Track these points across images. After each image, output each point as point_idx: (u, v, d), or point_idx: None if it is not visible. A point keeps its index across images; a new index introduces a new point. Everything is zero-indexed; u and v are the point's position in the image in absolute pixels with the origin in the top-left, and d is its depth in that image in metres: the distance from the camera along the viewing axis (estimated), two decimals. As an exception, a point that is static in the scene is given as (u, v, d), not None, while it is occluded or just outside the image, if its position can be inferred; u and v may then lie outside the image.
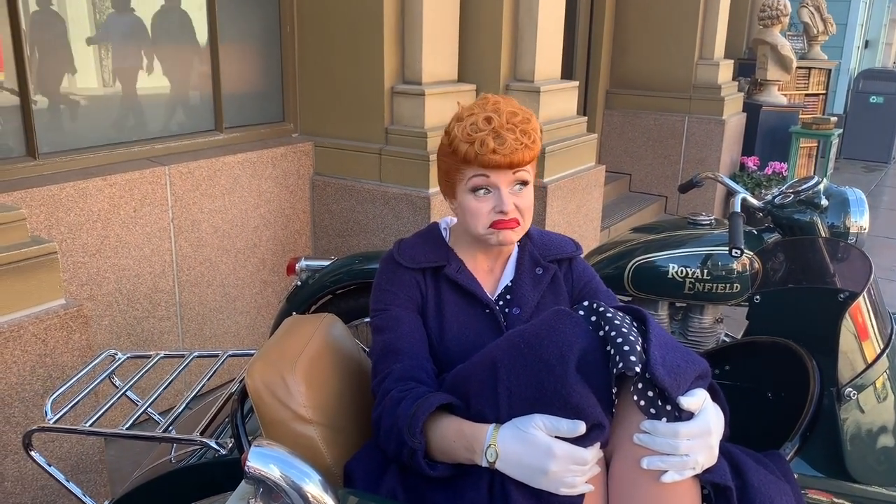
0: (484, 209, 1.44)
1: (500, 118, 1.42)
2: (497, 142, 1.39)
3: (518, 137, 1.40)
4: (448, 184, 1.51)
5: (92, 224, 2.83)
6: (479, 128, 1.42)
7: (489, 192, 1.44)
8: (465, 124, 1.43)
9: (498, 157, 1.40)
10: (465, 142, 1.42)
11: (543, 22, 3.84)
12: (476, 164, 1.42)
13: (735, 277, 2.47)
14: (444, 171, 1.51)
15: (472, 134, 1.42)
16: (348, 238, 3.67)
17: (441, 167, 1.52)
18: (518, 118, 1.43)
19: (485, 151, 1.40)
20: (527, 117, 1.44)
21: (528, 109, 1.49)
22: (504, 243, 1.48)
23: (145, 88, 3.24)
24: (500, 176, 1.43)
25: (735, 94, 6.46)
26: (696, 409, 1.19)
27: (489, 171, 1.42)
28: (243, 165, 3.39)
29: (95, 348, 2.84)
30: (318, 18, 3.62)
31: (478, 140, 1.41)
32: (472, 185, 1.44)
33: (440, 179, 1.54)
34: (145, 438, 1.59)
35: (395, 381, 1.41)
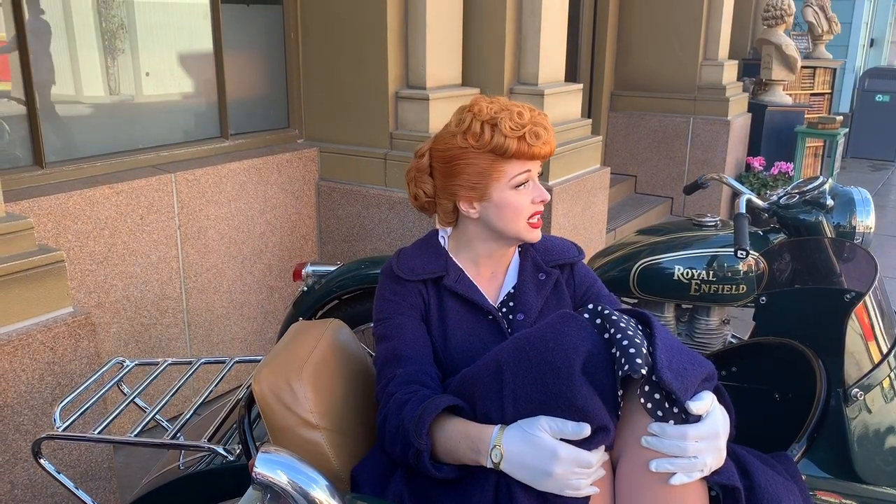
0: (525, 202, 1.49)
1: (529, 113, 1.47)
2: (532, 135, 1.44)
3: (545, 130, 1.46)
4: (478, 188, 1.49)
5: (99, 232, 2.84)
6: (523, 122, 1.45)
7: (526, 186, 1.50)
8: (505, 121, 1.44)
9: (535, 149, 1.45)
10: (514, 137, 1.44)
11: (547, 25, 3.85)
12: (524, 157, 1.46)
13: (741, 278, 2.46)
14: (474, 176, 1.48)
15: (517, 129, 1.44)
16: (354, 243, 3.68)
17: (469, 172, 1.48)
18: (534, 113, 1.48)
19: (536, 143, 1.44)
20: (538, 112, 1.50)
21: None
22: (534, 239, 1.54)
23: (150, 96, 3.26)
24: (535, 169, 1.50)
25: (740, 94, 6.44)
26: (704, 412, 1.19)
27: (529, 164, 1.48)
28: (249, 172, 3.40)
29: (104, 356, 2.86)
30: (322, 24, 3.63)
31: (527, 133, 1.44)
32: (518, 180, 1.48)
33: (460, 189, 1.50)
34: (153, 445, 1.60)
35: (399, 384, 1.42)
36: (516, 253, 1.62)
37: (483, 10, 3.78)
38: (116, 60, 3.11)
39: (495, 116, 1.45)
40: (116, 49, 3.11)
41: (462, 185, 1.49)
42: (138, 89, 3.21)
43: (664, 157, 6.33)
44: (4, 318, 2.00)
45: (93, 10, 3.00)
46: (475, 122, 1.46)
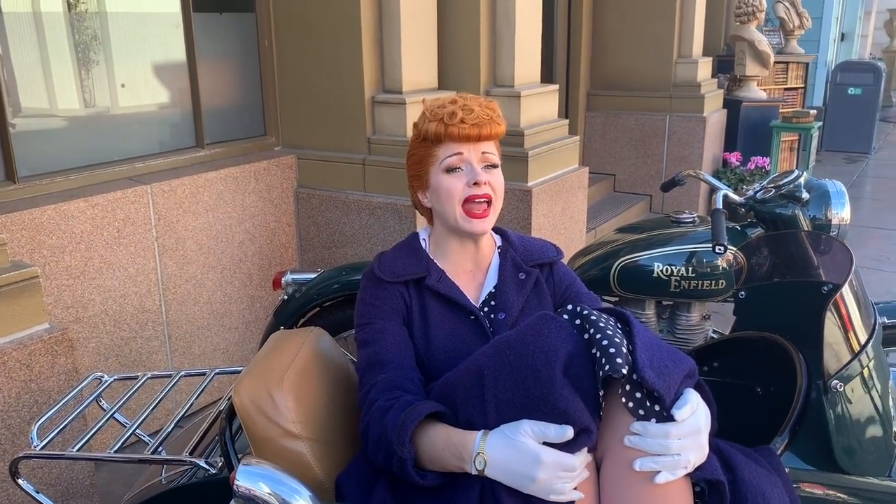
0: (458, 185, 1.48)
1: (464, 98, 1.49)
2: (465, 112, 1.45)
3: (484, 109, 1.47)
4: (420, 176, 1.54)
5: (75, 246, 2.81)
6: (444, 105, 1.48)
7: (460, 171, 1.49)
8: (431, 107, 1.50)
9: (467, 128, 1.45)
10: (434, 120, 1.48)
11: (521, 26, 3.86)
12: (447, 138, 1.47)
13: (720, 274, 2.48)
14: (415, 164, 1.55)
15: (439, 110, 1.48)
16: (335, 249, 3.67)
17: (412, 162, 1.56)
18: (480, 99, 1.50)
19: (454, 121, 1.45)
20: (487, 101, 1.51)
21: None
22: (476, 232, 1.50)
23: (124, 107, 3.23)
24: (471, 152, 1.48)
25: (715, 91, 6.50)
26: (690, 414, 1.19)
27: (461, 147, 1.48)
28: (226, 181, 3.37)
29: (82, 372, 2.82)
30: (297, 31, 3.62)
31: (446, 114, 1.46)
32: (446, 164, 1.49)
33: (411, 179, 1.58)
34: (134, 461, 1.58)
35: (381, 391, 1.41)
36: (496, 253, 1.63)
37: (457, 13, 3.78)
38: (90, 72, 3.08)
39: (432, 105, 1.51)
40: (90, 61, 3.08)
41: (412, 176, 1.57)
42: (112, 101, 3.18)
43: (642, 156, 6.37)
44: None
45: (65, 23, 2.97)
46: (420, 116, 1.54)
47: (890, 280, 4.97)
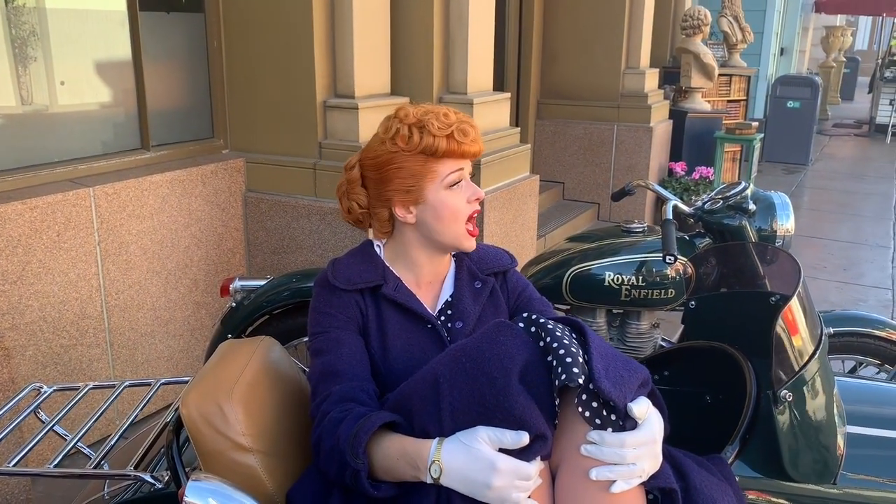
0: (461, 201, 1.49)
1: (454, 114, 1.48)
2: (460, 133, 1.45)
3: (474, 127, 1.48)
4: (413, 191, 1.47)
5: (12, 250, 2.70)
6: (449, 122, 1.45)
7: (460, 185, 1.49)
8: (432, 122, 1.45)
9: (465, 146, 1.46)
10: (442, 136, 1.44)
11: (474, 33, 3.87)
12: (455, 155, 1.46)
13: (669, 283, 2.52)
14: (407, 178, 1.47)
15: (445, 128, 1.44)
16: (284, 255, 3.61)
17: (402, 176, 1.47)
18: (462, 116, 1.50)
19: (465, 140, 1.45)
20: (466, 118, 1.50)
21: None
22: (469, 248, 1.53)
23: (66, 106, 3.12)
24: (467, 168, 1.51)
25: (661, 101, 6.63)
26: (642, 417, 1.20)
27: (461, 163, 1.48)
28: (172, 184, 3.29)
29: (19, 381, 2.71)
30: (247, 32, 3.55)
31: (455, 131, 1.44)
32: (451, 179, 1.47)
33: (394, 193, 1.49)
34: (75, 476, 1.52)
35: (334, 402, 1.39)
36: (452, 262, 1.62)
37: (411, 19, 3.77)
38: (28, 69, 2.97)
39: (422, 119, 1.46)
40: (28, 57, 2.96)
41: (396, 190, 1.48)
42: (52, 99, 3.07)
43: (590, 164, 6.45)
44: None
45: (2, 17, 2.85)
46: (402, 126, 1.47)
47: (826, 288, 5.14)
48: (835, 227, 6.77)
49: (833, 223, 6.90)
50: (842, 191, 8.36)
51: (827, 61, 15.78)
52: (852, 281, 5.31)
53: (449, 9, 3.84)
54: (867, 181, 8.98)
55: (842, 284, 5.22)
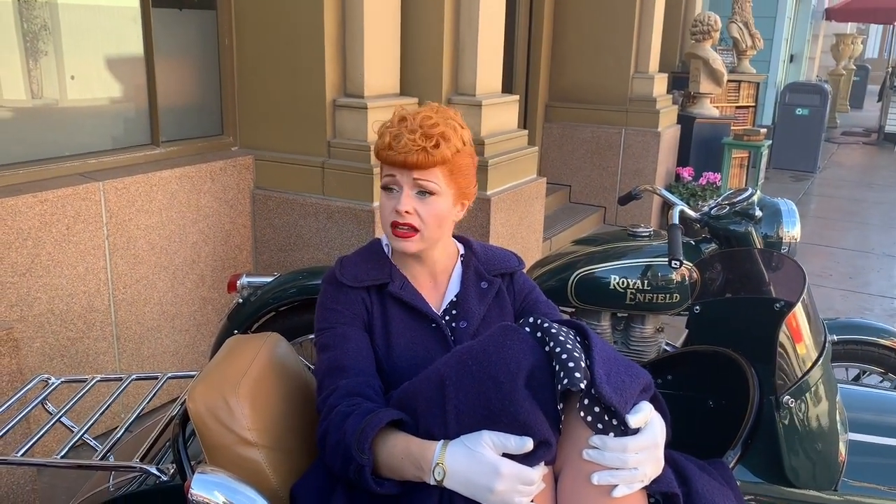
0: (388, 206, 1.47)
1: (413, 120, 1.44)
2: (394, 139, 1.42)
3: (415, 139, 1.41)
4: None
5: (22, 242, 2.72)
6: (389, 124, 1.46)
7: (394, 192, 1.46)
8: (385, 121, 1.48)
9: (392, 154, 1.42)
10: (377, 135, 1.47)
11: (484, 36, 3.88)
12: (379, 159, 1.47)
13: (674, 288, 2.52)
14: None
15: (382, 129, 1.46)
16: (291, 252, 3.62)
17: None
18: (429, 122, 1.43)
19: (381, 146, 1.44)
20: (436, 122, 1.44)
21: (452, 119, 1.48)
22: (400, 250, 1.49)
23: (77, 101, 3.14)
24: (403, 177, 1.44)
25: (669, 106, 6.62)
26: (643, 423, 1.21)
27: (393, 170, 1.45)
28: (181, 180, 3.31)
29: (27, 373, 2.73)
30: (258, 31, 3.57)
31: (382, 135, 1.45)
32: (383, 182, 1.48)
33: None
34: (81, 467, 1.53)
35: (341, 396, 1.40)
36: (459, 262, 1.62)
37: (421, 20, 3.78)
38: (39, 63, 2.99)
39: (388, 119, 1.48)
40: (39, 51, 2.99)
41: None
42: (63, 94, 3.09)
43: (597, 168, 6.45)
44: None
45: (13, 11, 2.88)
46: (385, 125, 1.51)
47: (832, 296, 5.13)
48: (841, 235, 6.76)
49: (840, 231, 6.88)
50: (849, 199, 8.34)
51: (837, 69, 15.74)
52: (858, 289, 5.30)
53: (459, 10, 3.85)
54: (875, 190, 8.96)
55: (847, 293, 5.22)
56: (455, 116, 1.50)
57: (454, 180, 1.48)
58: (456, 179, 1.48)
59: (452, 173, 1.47)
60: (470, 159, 1.52)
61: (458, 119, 1.50)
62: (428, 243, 1.49)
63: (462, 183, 1.50)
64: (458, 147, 1.46)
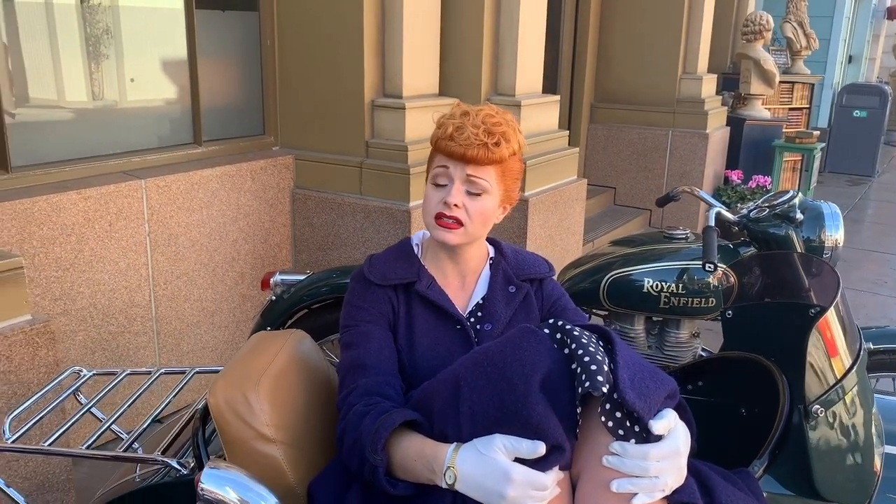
0: (435, 198, 1.47)
1: (476, 115, 1.44)
2: (457, 131, 1.42)
3: (478, 134, 1.41)
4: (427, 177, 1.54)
5: (66, 238, 2.79)
6: (451, 115, 1.45)
7: (445, 186, 1.46)
8: (445, 113, 1.47)
9: (452, 145, 1.42)
10: (436, 125, 1.47)
11: (524, 36, 3.85)
12: (437, 149, 1.46)
13: (710, 292, 2.46)
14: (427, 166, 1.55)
15: (443, 120, 1.46)
16: (329, 251, 3.65)
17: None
18: (492, 120, 1.44)
19: (443, 135, 1.44)
20: (500, 121, 1.45)
21: (512, 122, 1.49)
22: (440, 241, 1.48)
23: (122, 101, 3.22)
24: (457, 170, 1.44)
25: (718, 108, 6.49)
26: (666, 431, 1.17)
27: (448, 162, 1.45)
28: (222, 179, 3.36)
29: (66, 364, 2.80)
30: (299, 32, 3.61)
31: (443, 125, 1.44)
32: (434, 172, 1.48)
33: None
34: (105, 458, 1.56)
35: (360, 395, 1.40)
36: (487, 265, 1.61)
37: (461, 21, 3.77)
38: (88, 65, 3.07)
39: (447, 112, 1.48)
40: (88, 54, 3.07)
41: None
42: (110, 94, 3.17)
43: (643, 170, 6.36)
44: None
45: (68, 15, 2.96)
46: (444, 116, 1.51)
47: (887, 304, 4.95)
48: (899, 241, 6.52)
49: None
50: (909, 204, 8.05)
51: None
52: (914, 298, 5.10)
53: (500, 11, 3.83)
54: (936, 195, 8.63)
55: (903, 301, 5.03)
56: (514, 121, 1.51)
57: (504, 182, 1.49)
58: (505, 181, 1.49)
59: (504, 175, 1.48)
60: (520, 165, 1.53)
61: (517, 124, 1.52)
62: (468, 239, 1.49)
63: (509, 186, 1.51)
64: (514, 150, 1.47)
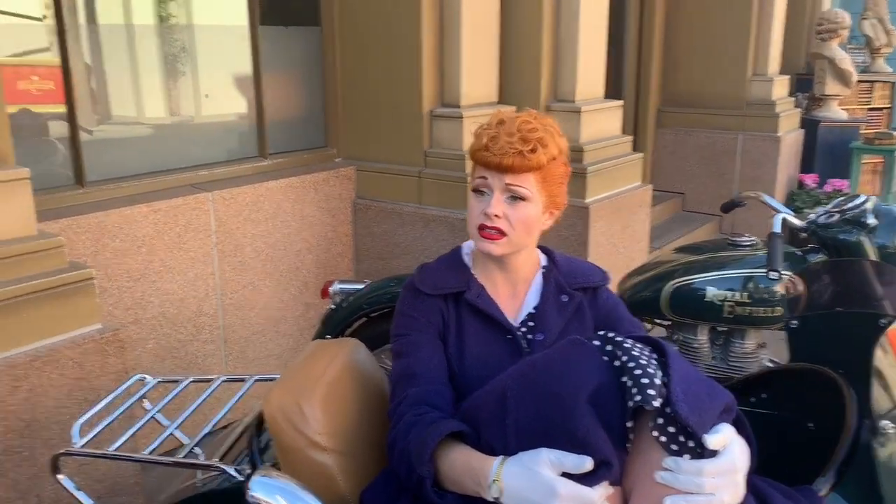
0: (476, 208, 1.46)
1: (512, 123, 1.42)
2: (491, 141, 1.41)
3: (513, 143, 1.40)
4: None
5: (137, 249, 2.90)
6: (487, 125, 1.45)
7: (485, 195, 1.45)
8: (492, 125, 1.46)
9: (488, 156, 1.41)
10: (474, 135, 1.47)
11: (585, 41, 3.80)
12: (475, 160, 1.46)
13: (777, 301, 2.37)
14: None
15: (479, 130, 1.45)
16: (390, 261, 3.68)
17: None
18: (528, 126, 1.42)
19: (478, 146, 1.43)
20: (535, 127, 1.42)
21: (551, 126, 1.47)
22: (484, 252, 1.47)
23: (190, 117, 3.33)
24: (495, 180, 1.43)
25: (791, 110, 6.27)
26: (721, 447, 1.13)
27: (486, 172, 1.44)
28: (286, 191, 3.43)
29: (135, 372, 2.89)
30: (360, 45, 3.66)
31: (479, 136, 1.44)
32: (474, 183, 1.47)
33: None
34: (165, 463, 1.60)
35: (410, 405, 1.40)
36: (539, 274, 1.59)
37: (520, 27, 3.76)
38: (157, 82, 3.19)
39: (485, 121, 1.47)
40: (157, 71, 3.18)
41: None
42: (177, 110, 3.28)
43: (712, 175, 6.19)
44: (34, 334, 2.04)
45: (131, 32, 3.08)
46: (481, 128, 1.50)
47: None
48: None
49: None
50: None
51: None
52: None
53: (559, 16, 3.80)
54: None
55: None
56: (554, 124, 1.49)
57: (546, 188, 1.46)
58: (548, 187, 1.46)
59: (545, 180, 1.45)
60: (564, 168, 1.51)
61: (557, 127, 1.49)
62: (514, 248, 1.47)
63: (553, 191, 1.48)
64: (553, 154, 1.44)
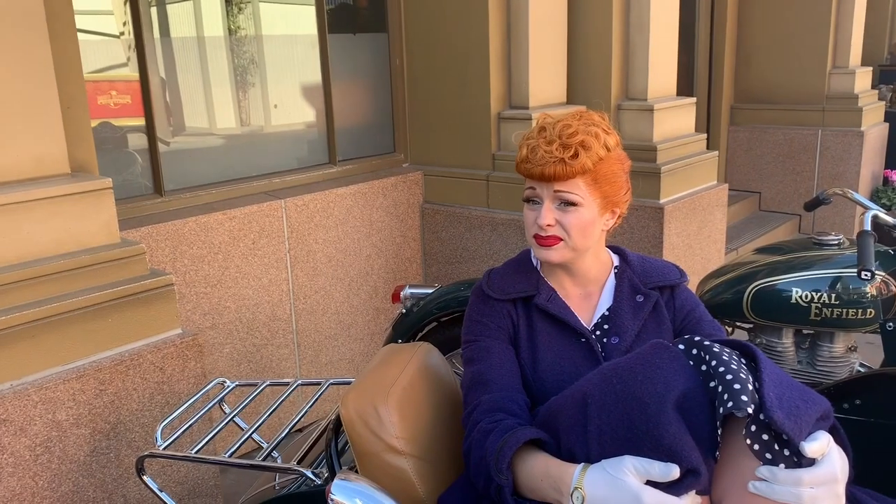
0: (530, 217, 1.45)
1: (552, 130, 1.40)
2: (531, 152, 1.39)
3: (552, 151, 1.37)
4: None
5: (213, 256, 2.97)
6: (528, 135, 1.44)
7: (536, 204, 1.43)
8: (532, 136, 1.44)
9: (530, 167, 1.40)
10: (517, 146, 1.46)
11: (656, 37, 3.72)
12: (519, 172, 1.45)
13: (868, 302, 2.25)
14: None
15: (521, 141, 1.45)
16: (458, 265, 3.67)
17: None
18: (568, 131, 1.38)
19: (520, 159, 1.43)
20: (575, 131, 1.38)
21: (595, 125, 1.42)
22: (543, 260, 1.46)
23: (262, 126, 3.40)
24: (543, 189, 1.41)
25: (875, 103, 6.00)
26: (820, 455, 1.07)
27: (533, 182, 1.43)
28: (355, 196, 3.46)
29: (213, 375, 2.96)
30: (427, 50, 3.67)
31: (521, 147, 1.43)
32: (525, 194, 1.46)
33: None
34: (244, 466, 1.62)
35: (484, 412, 1.38)
36: (612, 274, 1.55)
37: (588, 26, 3.71)
38: (232, 93, 3.26)
39: (528, 131, 1.46)
40: (228, 82, 3.26)
41: None
42: (250, 119, 3.35)
43: (790, 172, 5.98)
44: (118, 339, 2.11)
45: (205, 44, 3.16)
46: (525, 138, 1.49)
47: None
48: None
49: None
50: None
51: None
52: None
53: (629, 14, 3.73)
54: None
55: None
56: (600, 122, 1.44)
57: (598, 189, 1.42)
58: (601, 188, 1.42)
59: (596, 181, 1.41)
60: (618, 165, 1.45)
61: (604, 124, 1.44)
62: (574, 253, 1.44)
63: (608, 190, 1.43)
64: (600, 155, 1.40)
